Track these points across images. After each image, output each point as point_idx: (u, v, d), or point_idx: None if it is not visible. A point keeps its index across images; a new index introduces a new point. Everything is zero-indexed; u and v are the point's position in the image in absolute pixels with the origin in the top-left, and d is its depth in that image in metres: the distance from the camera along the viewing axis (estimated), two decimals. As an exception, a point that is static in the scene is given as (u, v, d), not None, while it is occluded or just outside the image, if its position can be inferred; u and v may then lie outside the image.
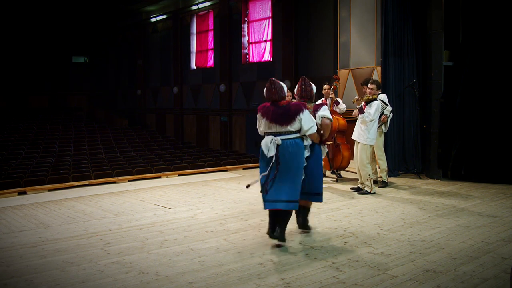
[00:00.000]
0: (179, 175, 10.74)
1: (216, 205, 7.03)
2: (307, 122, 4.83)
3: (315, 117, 5.14)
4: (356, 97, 7.79)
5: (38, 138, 19.18)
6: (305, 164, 5.00)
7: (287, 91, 9.11)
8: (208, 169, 11.75)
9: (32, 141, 18.68)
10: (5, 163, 14.27)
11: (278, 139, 4.80)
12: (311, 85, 5.34)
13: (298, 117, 4.80)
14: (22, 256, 4.73)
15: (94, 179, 10.87)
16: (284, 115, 4.82)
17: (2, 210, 7.14)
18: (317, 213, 6.21)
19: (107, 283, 3.94)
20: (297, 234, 5.33)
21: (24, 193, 8.72)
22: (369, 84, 7.60)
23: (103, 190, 8.72)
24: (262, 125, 5.00)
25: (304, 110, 4.84)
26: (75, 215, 6.59)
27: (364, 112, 7.37)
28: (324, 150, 5.29)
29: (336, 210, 6.43)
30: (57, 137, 19.45)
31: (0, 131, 19.82)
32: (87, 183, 9.78)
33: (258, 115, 5.03)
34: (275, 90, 4.92)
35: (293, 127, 4.81)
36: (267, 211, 5.13)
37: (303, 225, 5.38)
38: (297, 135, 4.86)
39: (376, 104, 7.38)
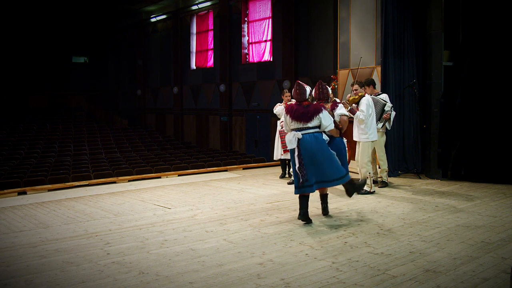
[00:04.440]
0: (179, 175, 10.73)
1: (216, 205, 7.03)
2: (326, 120, 5.68)
3: (333, 115, 6.02)
4: (342, 101, 7.84)
5: (38, 138, 19.19)
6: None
7: (286, 91, 9.26)
8: (208, 169, 11.74)
9: (32, 141, 18.69)
10: (5, 163, 14.27)
11: (299, 134, 5.61)
12: (327, 88, 6.21)
13: (317, 116, 5.62)
14: (22, 256, 4.73)
15: (94, 179, 10.86)
16: (305, 114, 5.65)
17: (2, 210, 7.14)
18: (318, 213, 6.21)
19: (107, 283, 3.94)
20: (297, 234, 5.34)
21: (24, 193, 8.71)
22: (351, 86, 7.80)
23: (103, 190, 8.71)
24: (287, 120, 5.79)
25: (323, 110, 5.69)
26: (75, 215, 6.59)
27: (356, 112, 7.43)
28: (344, 141, 6.30)
29: (336, 210, 6.43)
30: (57, 137, 19.46)
31: (0, 131, 19.82)
32: (87, 183, 9.76)
33: (284, 114, 5.86)
34: (298, 91, 5.77)
35: (312, 123, 5.64)
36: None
37: (324, 209, 6.15)
38: (317, 130, 5.67)
39: (365, 101, 7.44)
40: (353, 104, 7.48)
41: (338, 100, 8.95)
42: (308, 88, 5.87)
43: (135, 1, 23.26)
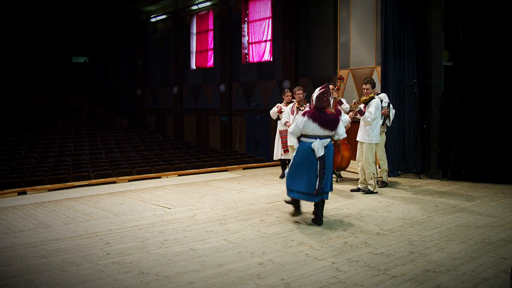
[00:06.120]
0: (179, 175, 10.73)
1: (216, 205, 7.03)
2: (341, 128, 5.85)
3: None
4: (353, 101, 7.81)
5: (38, 138, 19.18)
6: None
7: (287, 91, 9.29)
8: (208, 169, 11.73)
9: (32, 141, 18.68)
10: (5, 163, 14.26)
11: (325, 142, 5.66)
12: (332, 95, 6.32)
13: (339, 124, 5.78)
14: (22, 256, 4.73)
15: (94, 179, 10.86)
16: (334, 122, 5.71)
17: (2, 210, 7.14)
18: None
19: (107, 283, 3.94)
20: (297, 234, 5.34)
21: (24, 193, 8.71)
22: (363, 85, 7.67)
23: (103, 190, 8.71)
24: (309, 127, 5.63)
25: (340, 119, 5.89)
26: (75, 215, 6.59)
27: (364, 113, 7.38)
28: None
29: (336, 210, 6.43)
30: (57, 137, 19.45)
31: (0, 131, 19.81)
32: (87, 183, 9.76)
33: (306, 119, 5.64)
34: (325, 99, 5.71)
35: (333, 131, 5.75)
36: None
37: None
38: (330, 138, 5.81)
39: (375, 103, 7.41)
40: (362, 105, 7.44)
41: (343, 100, 8.96)
42: (331, 98, 5.98)
43: (135, 1, 23.25)
